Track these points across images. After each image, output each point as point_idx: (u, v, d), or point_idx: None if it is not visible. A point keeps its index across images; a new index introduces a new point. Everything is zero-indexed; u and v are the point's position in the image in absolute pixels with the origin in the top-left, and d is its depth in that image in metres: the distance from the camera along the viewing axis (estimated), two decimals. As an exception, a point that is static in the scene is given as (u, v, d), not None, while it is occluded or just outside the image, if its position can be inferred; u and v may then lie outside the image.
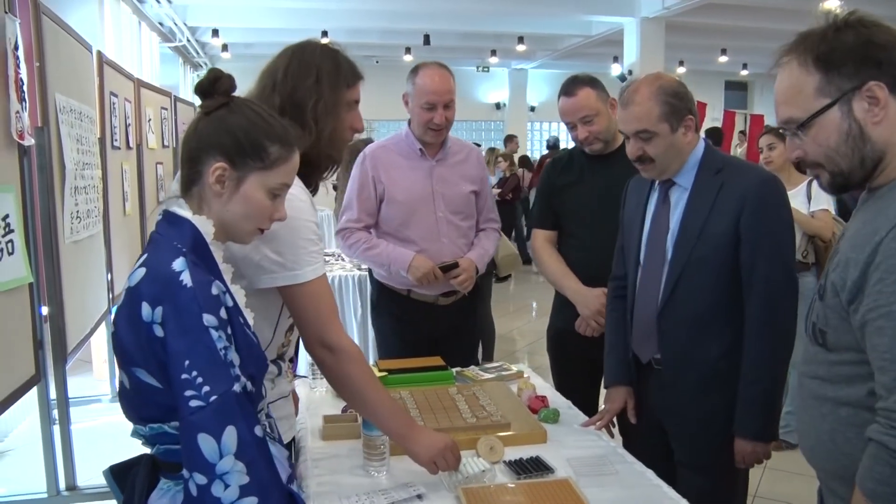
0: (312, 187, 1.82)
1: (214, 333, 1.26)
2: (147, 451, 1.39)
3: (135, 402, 1.33)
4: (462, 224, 2.88)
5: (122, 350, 1.30)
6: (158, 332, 1.25)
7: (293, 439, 1.91)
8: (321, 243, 1.71)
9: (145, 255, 1.35)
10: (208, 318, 1.26)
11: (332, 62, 1.79)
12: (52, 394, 3.12)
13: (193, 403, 1.22)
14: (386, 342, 2.99)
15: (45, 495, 3.17)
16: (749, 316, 2.00)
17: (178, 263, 1.28)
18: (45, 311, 3.03)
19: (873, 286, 1.23)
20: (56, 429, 3.16)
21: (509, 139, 12.54)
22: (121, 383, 1.35)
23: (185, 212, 1.38)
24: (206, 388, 1.23)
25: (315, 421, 2.16)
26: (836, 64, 1.29)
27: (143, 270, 1.30)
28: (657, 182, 2.15)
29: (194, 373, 1.23)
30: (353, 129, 1.87)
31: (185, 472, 1.24)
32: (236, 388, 1.26)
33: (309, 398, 2.40)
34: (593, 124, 2.61)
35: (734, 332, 2.02)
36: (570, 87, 2.63)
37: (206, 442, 1.21)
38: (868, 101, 1.28)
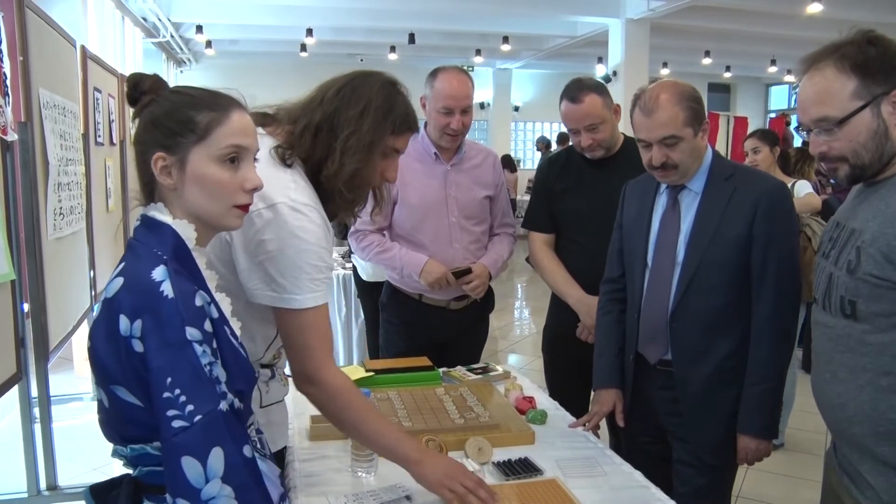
0: (331, 216, 1.70)
1: (198, 348, 1.18)
2: (129, 470, 1.32)
3: (115, 421, 1.25)
4: (475, 229, 2.84)
5: (100, 366, 1.21)
6: (138, 346, 1.17)
7: (285, 447, 1.86)
8: (329, 272, 1.63)
9: (123, 264, 1.27)
10: (192, 332, 1.18)
11: (387, 101, 1.68)
12: (34, 392, 3.09)
13: (177, 424, 1.14)
14: (393, 344, 2.95)
15: (26, 495, 3.14)
16: (757, 316, 2.04)
17: (159, 273, 1.21)
18: (26, 308, 3.00)
19: None
20: (37, 427, 3.13)
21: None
22: (99, 402, 1.27)
23: (164, 216, 1.30)
24: (189, 408, 1.15)
25: (302, 421, 2.15)
26: (871, 71, 1.47)
27: (120, 280, 1.22)
28: (665, 186, 2.16)
29: (177, 391, 1.15)
30: (384, 179, 1.76)
31: (168, 498, 1.16)
32: (223, 406, 1.18)
33: (295, 398, 2.38)
34: (598, 132, 2.57)
35: (741, 332, 2.06)
36: (575, 92, 2.56)
37: (190, 465, 1.14)
38: (893, 105, 1.47)
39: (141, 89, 1.33)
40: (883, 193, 1.49)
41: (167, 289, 1.19)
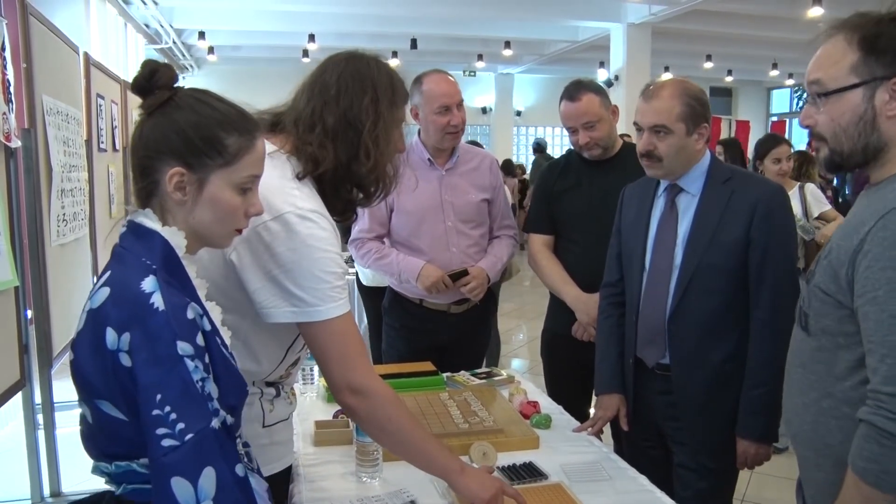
0: (351, 213, 1.67)
1: (190, 363, 1.12)
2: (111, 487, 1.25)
3: (99, 437, 1.19)
4: (473, 233, 2.84)
5: (84, 380, 1.16)
6: (125, 361, 1.11)
7: (289, 467, 1.80)
8: (345, 278, 1.55)
9: (108, 273, 1.20)
10: (183, 346, 1.12)
11: (388, 78, 1.64)
12: (37, 398, 3.09)
13: (166, 443, 1.08)
14: (395, 349, 2.95)
15: (30, 501, 3.14)
16: (755, 319, 2.04)
17: (149, 283, 1.15)
18: (30, 314, 3.00)
19: (861, 273, 1.29)
20: (41, 434, 3.12)
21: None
22: (82, 417, 1.21)
23: (153, 223, 1.24)
24: (180, 426, 1.09)
25: (306, 426, 2.15)
26: (878, 49, 1.32)
27: (106, 290, 1.16)
28: (662, 189, 2.17)
29: (167, 408, 1.09)
30: (397, 150, 1.70)
31: None
32: (215, 423, 1.13)
33: (300, 403, 2.38)
34: (595, 130, 2.62)
35: (739, 336, 2.06)
36: (574, 91, 2.63)
37: (180, 486, 1.08)
38: (891, 93, 1.32)
39: (158, 83, 1.24)
40: (860, 201, 1.41)
41: (157, 300, 1.13)
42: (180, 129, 1.23)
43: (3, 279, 2.59)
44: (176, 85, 1.27)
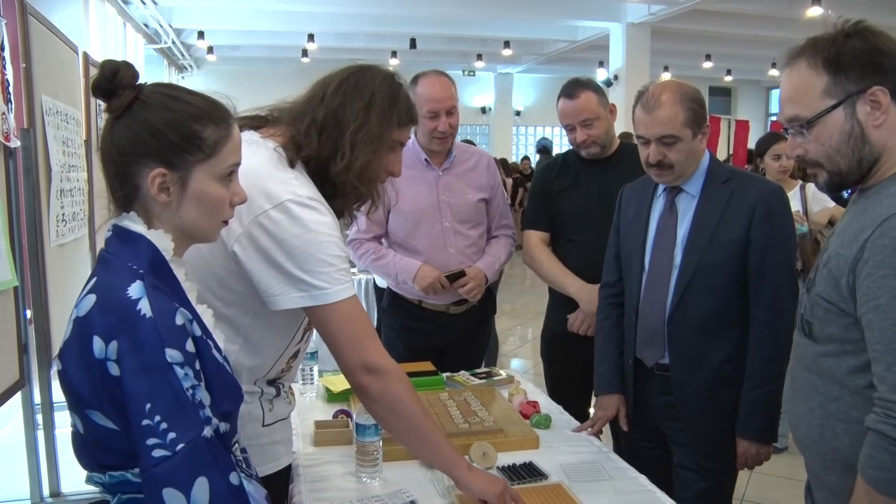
0: (337, 213, 1.67)
1: (180, 371, 1.10)
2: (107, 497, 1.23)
3: (91, 447, 1.17)
4: (470, 233, 2.84)
5: (73, 391, 1.14)
6: (113, 370, 1.09)
7: (289, 466, 1.81)
8: (348, 262, 1.57)
9: (94, 279, 1.18)
10: (172, 354, 1.10)
11: (390, 93, 1.65)
12: (37, 398, 3.09)
13: (157, 453, 1.07)
14: (394, 349, 2.93)
15: (29, 501, 3.13)
16: (755, 320, 2.04)
17: (135, 289, 1.12)
18: (29, 314, 2.99)
19: (862, 281, 1.29)
20: (40, 434, 3.12)
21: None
22: (73, 427, 1.19)
23: (138, 227, 1.22)
24: (171, 435, 1.07)
25: (306, 426, 2.14)
26: (844, 67, 1.34)
27: (92, 298, 1.14)
28: (661, 189, 2.16)
29: (157, 417, 1.07)
30: (389, 173, 1.73)
31: None
32: (207, 432, 1.11)
33: (299, 403, 2.38)
34: (593, 128, 2.63)
35: (739, 336, 2.07)
36: (571, 89, 2.64)
37: (172, 497, 1.06)
38: (871, 104, 1.34)
39: (122, 83, 1.20)
40: (856, 206, 1.41)
41: (144, 307, 1.11)
42: (155, 129, 1.19)
43: (2, 279, 2.59)
44: (138, 82, 1.23)
